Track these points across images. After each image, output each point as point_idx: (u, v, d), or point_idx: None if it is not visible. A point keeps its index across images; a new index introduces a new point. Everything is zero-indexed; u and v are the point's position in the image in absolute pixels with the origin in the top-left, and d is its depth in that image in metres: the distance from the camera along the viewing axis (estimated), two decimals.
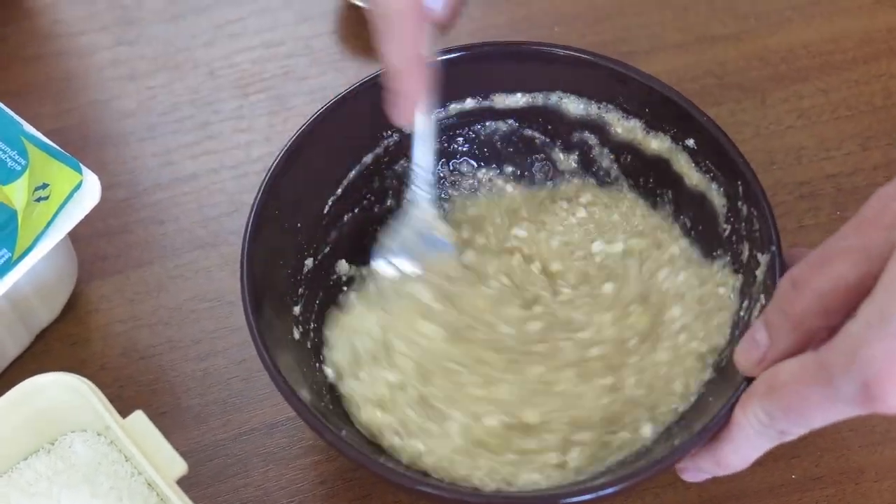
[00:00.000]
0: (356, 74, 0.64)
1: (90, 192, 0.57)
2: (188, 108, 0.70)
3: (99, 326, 0.62)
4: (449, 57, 0.58)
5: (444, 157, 0.61)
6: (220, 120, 0.69)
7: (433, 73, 0.53)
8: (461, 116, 0.60)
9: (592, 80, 0.58)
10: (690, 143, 0.57)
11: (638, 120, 0.58)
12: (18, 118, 0.59)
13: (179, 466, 0.51)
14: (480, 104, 0.60)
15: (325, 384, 0.55)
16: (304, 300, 0.57)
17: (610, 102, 0.58)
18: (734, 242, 0.55)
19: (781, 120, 0.68)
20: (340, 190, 0.59)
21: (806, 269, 0.44)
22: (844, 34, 0.71)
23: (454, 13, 0.53)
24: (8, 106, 0.59)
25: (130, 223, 0.66)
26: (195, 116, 0.69)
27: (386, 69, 0.52)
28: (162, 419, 0.57)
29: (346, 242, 0.60)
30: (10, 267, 0.55)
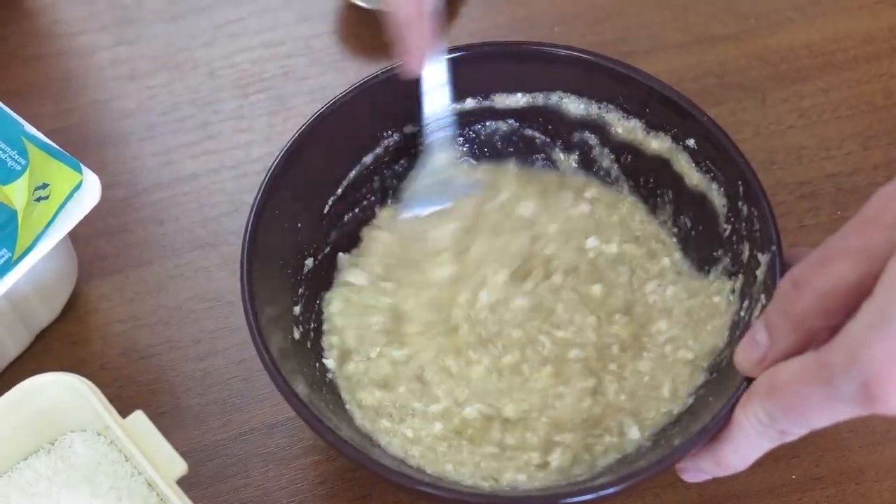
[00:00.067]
0: (356, 74, 0.64)
1: (90, 191, 0.57)
2: (188, 107, 0.70)
3: (99, 326, 0.62)
4: (449, 57, 0.58)
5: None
6: (220, 120, 0.69)
7: (435, 23, 0.55)
8: (461, 116, 0.60)
9: (593, 79, 0.58)
10: (691, 142, 0.57)
11: (638, 120, 0.58)
12: (18, 118, 0.58)
13: (179, 466, 0.51)
14: (481, 104, 0.60)
15: (325, 384, 0.55)
16: (304, 300, 0.57)
17: (610, 102, 0.58)
18: (734, 242, 0.55)
19: (782, 120, 0.68)
20: (340, 190, 0.59)
21: (807, 268, 0.44)
22: (845, 34, 0.71)
23: None
24: (8, 106, 0.59)
25: (130, 223, 0.66)
26: (195, 116, 0.69)
27: (393, 24, 0.54)
28: (162, 419, 0.57)
29: (346, 242, 0.60)
30: (10, 267, 0.55)
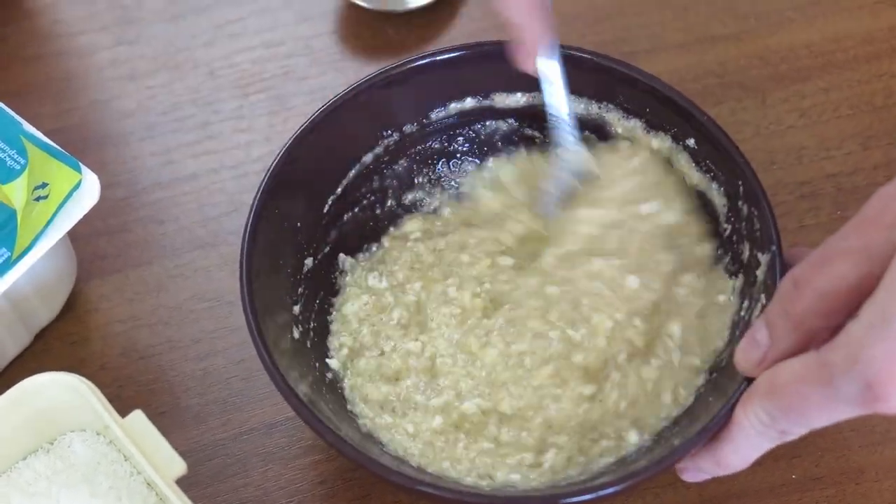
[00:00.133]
0: (356, 74, 0.64)
1: (89, 191, 0.57)
2: (188, 107, 0.70)
3: (98, 326, 0.62)
4: (449, 56, 0.58)
5: (443, 156, 0.61)
6: (220, 120, 0.69)
7: (550, 17, 0.54)
8: (461, 116, 0.60)
9: (592, 79, 0.58)
10: (691, 142, 0.57)
11: (638, 119, 0.58)
12: (18, 117, 0.58)
13: (178, 466, 0.51)
14: (481, 103, 0.60)
15: (325, 383, 0.55)
16: (303, 300, 0.57)
17: (610, 102, 0.58)
18: (734, 242, 0.55)
19: (782, 119, 0.68)
20: (340, 189, 0.59)
21: (807, 268, 0.44)
22: (846, 34, 0.71)
23: None
24: (8, 106, 0.59)
25: (130, 222, 0.66)
26: (195, 116, 0.69)
27: (504, 21, 0.53)
28: (161, 419, 0.57)
29: (345, 242, 0.60)
30: (9, 266, 0.55)
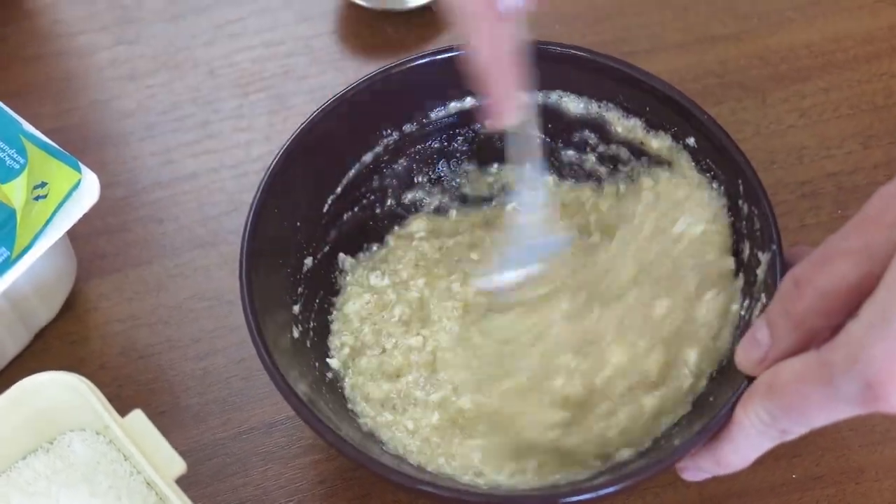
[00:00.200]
0: (356, 74, 0.64)
1: (89, 190, 0.57)
2: (188, 107, 0.70)
3: (98, 325, 0.62)
4: (449, 56, 0.58)
5: (444, 156, 0.61)
6: (219, 119, 0.69)
7: (525, 68, 0.49)
8: (462, 115, 0.60)
9: (592, 78, 0.58)
10: (691, 141, 0.56)
11: (638, 119, 0.58)
12: (17, 117, 0.58)
13: (178, 465, 0.51)
14: (481, 103, 0.60)
15: (324, 383, 0.55)
16: (303, 299, 0.57)
17: (610, 101, 0.58)
18: (735, 242, 0.55)
19: (782, 119, 0.68)
20: (340, 189, 0.59)
21: (808, 268, 0.44)
22: (846, 33, 0.71)
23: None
24: (8, 106, 0.59)
25: (130, 222, 0.66)
26: (195, 115, 0.69)
27: (475, 71, 0.49)
28: (161, 418, 0.57)
29: (345, 241, 0.60)
30: (8, 265, 0.55)
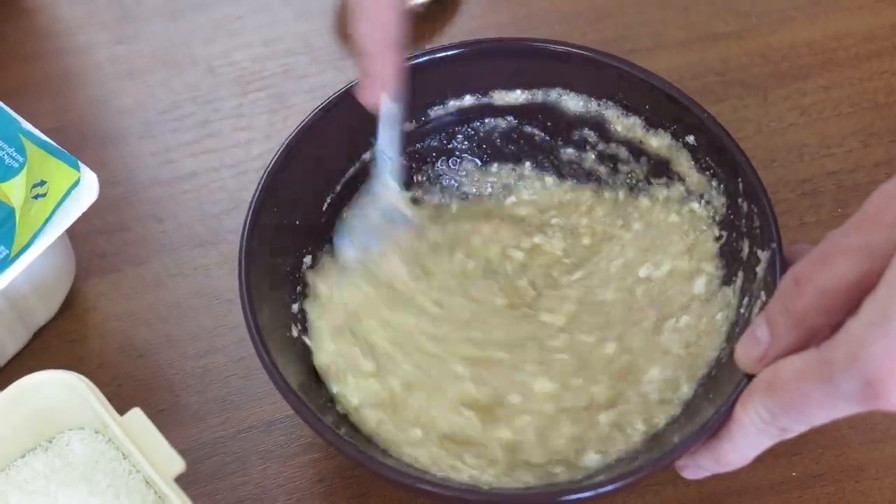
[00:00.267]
0: (355, 72, 0.63)
1: (88, 189, 0.57)
2: (188, 105, 0.70)
3: (97, 324, 0.62)
4: (448, 54, 0.58)
5: (443, 154, 0.61)
6: (219, 118, 0.69)
7: (403, 61, 0.53)
8: (460, 113, 0.60)
9: (592, 76, 0.58)
10: (690, 139, 0.56)
11: (638, 117, 0.58)
12: (16, 115, 0.58)
13: (177, 464, 0.51)
14: (479, 101, 0.60)
15: (323, 381, 0.55)
16: (302, 297, 0.57)
17: (610, 99, 0.58)
18: (735, 240, 0.55)
19: (783, 117, 0.67)
20: (339, 187, 0.59)
21: (808, 265, 0.44)
22: (847, 31, 0.70)
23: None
24: (7, 104, 0.59)
25: (129, 221, 0.66)
26: (195, 114, 0.69)
27: (357, 50, 0.52)
28: (160, 417, 0.57)
29: None
30: (7, 264, 0.55)
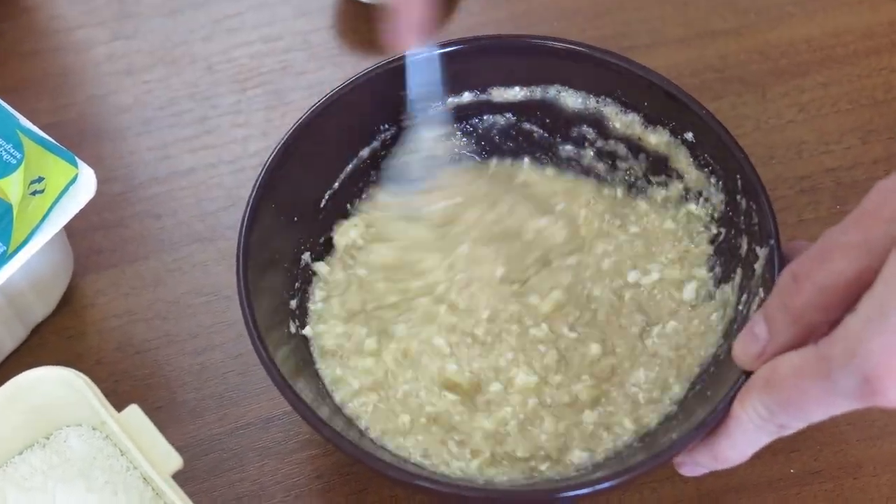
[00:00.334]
0: (354, 69, 0.64)
1: (86, 185, 0.57)
2: (186, 102, 0.70)
3: (94, 321, 0.62)
4: (446, 51, 0.58)
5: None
6: (217, 115, 0.69)
7: (432, 10, 0.55)
8: (459, 110, 0.60)
9: (590, 73, 0.58)
10: (689, 136, 0.56)
11: (636, 114, 0.58)
12: (14, 112, 0.58)
13: (175, 461, 0.51)
14: (478, 98, 0.60)
15: (320, 378, 0.55)
16: (300, 294, 0.57)
17: (608, 96, 0.58)
18: (733, 236, 0.55)
19: (782, 114, 0.67)
20: (337, 184, 0.59)
21: (806, 262, 0.44)
22: (845, 28, 0.70)
23: None
24: (6, 101, 0.59)
25: (127, 217, 0.65)
26: (193, 111, 0.69)
27: (389, 6, 0.54)
28: (157, 413, 0.57)
29: None
30: (5, 261, 0.55)
